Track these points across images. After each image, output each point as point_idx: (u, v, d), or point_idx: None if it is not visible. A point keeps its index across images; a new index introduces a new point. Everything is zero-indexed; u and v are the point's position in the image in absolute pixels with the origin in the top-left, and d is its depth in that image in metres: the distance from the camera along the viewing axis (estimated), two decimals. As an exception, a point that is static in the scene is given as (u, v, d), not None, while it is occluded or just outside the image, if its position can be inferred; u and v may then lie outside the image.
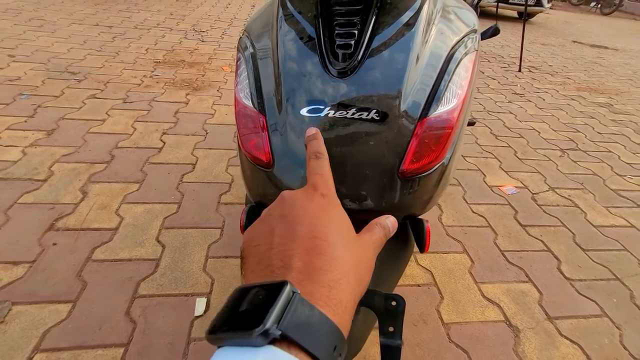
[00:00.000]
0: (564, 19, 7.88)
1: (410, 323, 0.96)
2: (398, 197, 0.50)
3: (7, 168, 1.32)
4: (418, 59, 0.51)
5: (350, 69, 0.49)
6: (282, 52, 0.52)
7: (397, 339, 0.49)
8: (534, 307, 1.05)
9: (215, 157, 1.56)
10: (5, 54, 2.28)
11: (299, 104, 0.48)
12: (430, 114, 0.49)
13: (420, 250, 0.56)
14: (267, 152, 0.49)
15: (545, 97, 2.85)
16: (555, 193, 1.61)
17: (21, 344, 0.81)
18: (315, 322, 0.19)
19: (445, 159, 0.52)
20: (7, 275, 0.95)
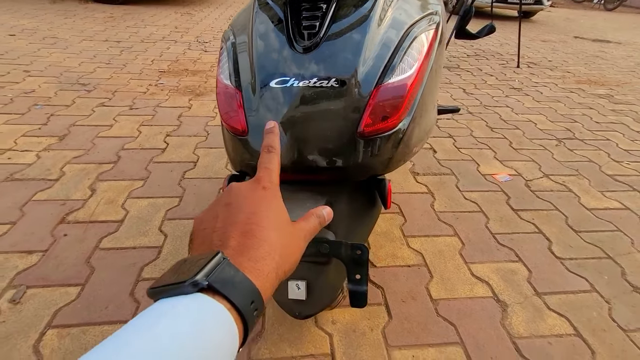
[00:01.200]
0: (566, 16, 7.86)
1: (399, 299, 1.00)
2: (361, 157, 0.56)
3: (22, 170, 1.42)
4: (375, 35, 0.57)
5: (313, 45, 0.55)
6: (256, 34, 0.59)
7: (363, 285, 0.55)
8: (523, 284, 1.08)
9: (215, 155, 1.63)
10: (21, 69, 2.43)
11: (269, 78, 0.54)
12: (385, 82, 0.55)
13: (383, 206, 0.60)
14: (242, 122, 0.55)
15: (544, 90, 2.87)
16: (549, 179, 1.63)
17: (35, 322, 0.87)
18: (238, 280, 0.24)
19: (402, 124, 0.57)
20: (23, 262, 1.02)
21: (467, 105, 2.43)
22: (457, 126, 2.10)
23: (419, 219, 1.31)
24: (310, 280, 0.55)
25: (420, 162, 1.69)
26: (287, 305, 0.56)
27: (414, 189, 1.49)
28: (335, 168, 0.54)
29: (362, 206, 0.62)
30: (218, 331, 0.22)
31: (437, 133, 1.99)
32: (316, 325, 0.91)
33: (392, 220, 1.30)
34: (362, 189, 0.63)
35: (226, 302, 0.23)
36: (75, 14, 4.16)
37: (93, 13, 4.25)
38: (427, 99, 0.63)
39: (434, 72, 0.64)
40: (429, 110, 0.68)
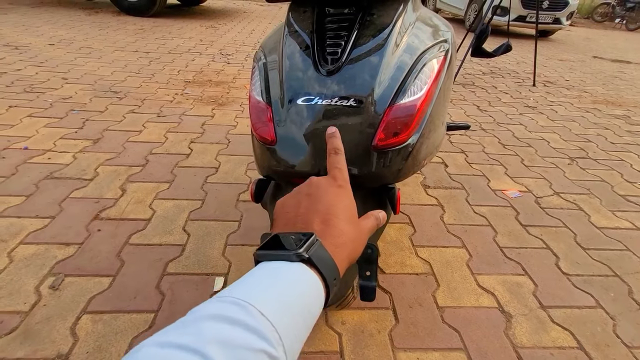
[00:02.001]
0: (586, 36, 7.82)
1: (406, 305, 1.04)
2: (374, 167, 0.63)
3: (61, 169, 1.54)
4: (390, 61, 0.65)
5: (335, 69, 0.63)
6: (286, 58, 0.67)
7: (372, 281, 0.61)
8: (528, 296, 1.11)
9: (235, 162, 1.73)
10: (59, 77, 2.62)
11: (296, 96, 0.63)
12: (397, 102, 0.62)
13: (393, 211, 0.67)
14: (271, 133, 0.63)
15: (559, 109, 2.88)
16: (559, 197, 1.65)
17: (72, 307, 0.96)
18: (327, 259, 0.30)
19: (412, 140, 0.64)
20: (61, 253, 1.13)
21: (480, 122, 2.47)
22: (469, 142, 2.15)
23: (428, 230, 1.36)
24: (324, 275, 0.61)
25: (431, 176, 1.74)
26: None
27: (425, 201, 1.54)
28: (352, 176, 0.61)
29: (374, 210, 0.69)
30: (313, 295, 0.28)
31: (449, 148, 2.05)
32: (327, 325, 0.97)
33: (402, 230, 1.35)
34: (374, 196, 0.70)
35: (319, 274, 0.29)
36: (109, 25, 4.43)
37: (125, 25, 4.52)
38: (435, 118, 0.70)
39: (442, 93, 0.71)
40: (437, 127, 0.74)
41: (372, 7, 0.70)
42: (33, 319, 0.92)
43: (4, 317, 0.92)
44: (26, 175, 1.48)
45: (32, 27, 4.02)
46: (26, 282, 1.02)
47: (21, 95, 2.23)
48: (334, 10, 0.71)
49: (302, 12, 0.74)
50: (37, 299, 0.97)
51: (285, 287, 0.27)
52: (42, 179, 1.47)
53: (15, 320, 0.91)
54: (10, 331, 0.89)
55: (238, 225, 1.31)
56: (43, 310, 0.95)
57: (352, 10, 0.70)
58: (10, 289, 1.00)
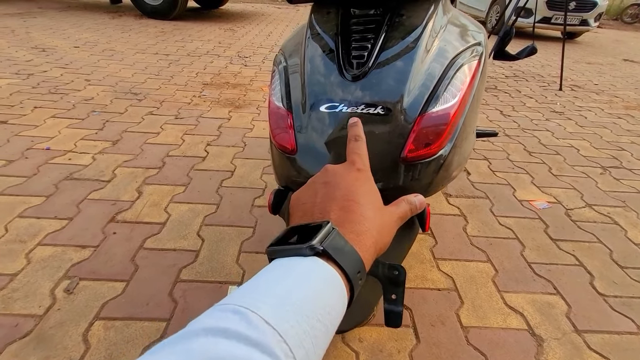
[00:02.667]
0: (615, 38, 7.49)
1: (428, 323, 0.98)
2: (402, 180, 0.58)
3: (80, 170, 1.56)
4: (421, 65, 0.60)
5: (361, 74, 0.58)
6: (308, 62, 0.63)
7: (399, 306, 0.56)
8: (561, 319, 1.03)
9: (251, 166, 1.71)
10: (82, 78, 2.68)
11: (319, 103, 0.59)
12: (429, 110, 0.57)
13: (421, 228, 0.62)
14: (292, 142, 0.59)
15: (588, 115, 2.74)
16: (592, 210, 1.55)
17: (85, 312, 0.95)
18: (347, 250, 0.26)
19: (444, 151, 0.59)
20: (77, 255, 1.12)
21: (504, 128, 2.37)
22: (492, 149, 2.06)
23: (450, 242, 1.30)
24: (346, 296, 0.57)
25: (453, 184, 1.67)
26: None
27: (446, 211, 1.47)
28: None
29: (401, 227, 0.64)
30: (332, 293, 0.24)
31: (471, 155, 1.96)
32: (343, 342, 0.92)
33: (423, 242, 1.29)
34: None
35: (337, 268, 0.25)
36: (131, 28, 4.53)
37: (146, 28, 4.61)
38: (467, 126, 0.64)
39: (475, 100, 0.65)
40: (469, 136, 0.69)
41: (401, 8, 0.65)
42: (47, 324, 0.91)
43: (19, 320, 0.92)
44: (47, 176, 1.50)
45: (59, 30, 4.15)
46: (42, 285, 1.02)
47: (46, 97, 2.29)
48: (359, 11, 0.67)
49: (325, 13, 0.70)
50: (52, 303, 0.97)
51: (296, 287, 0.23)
52: (62, 179, 1.48)
53: (29, 324, 0.91)
54: (25, 335, 0.88)
55: (252, 231, 1.28)
56: (57, 314, 0.94)
57: (380, 11, 0.65)
58: (27, 291, 0.99)
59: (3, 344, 0.86)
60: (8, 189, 1.40)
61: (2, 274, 1.04)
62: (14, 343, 0.86)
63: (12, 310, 0.94)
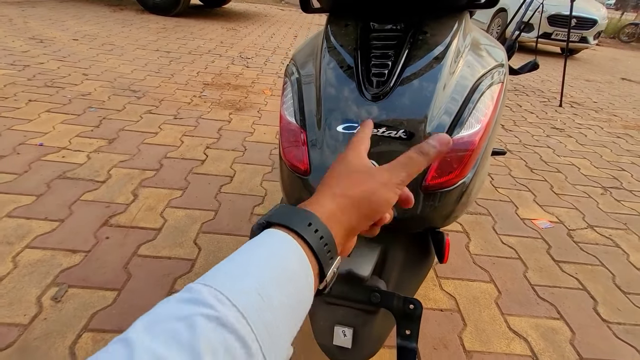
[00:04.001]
0: (613, 56, 7.61)
1: (431, 346, 0.95)
2: (420, 209, 0.55)
3: (74, 169, 1.51)
4: (445, 87, 0.57)
5: (382, 94, 0.56)
6: (324, 78, 0.60)
7: (413, 342, 0.53)
8: (565, 345, 1.00)
9: (251, 171, 1.67)
10: (80, 72, 2.62)
11: (335, 122, 0.55)
12: (454, 136, 0.54)
13: (439, 260, 0.59)
14: (305, 162, 0.56)
15: (588, 133, 2.76)
16: (594, 231, 1.54)
17: (73, 323, 0.90)
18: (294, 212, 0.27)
19: (467, 179, 0.56)
20: (67, 261, 1.07)
21: (506, 143, 2.37)
22: (494, 163, 2.05)
23: (453, 260, 1.27)
24: (357, 328, 0.54)
25: (455, 199, 1.65)
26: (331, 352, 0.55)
27: (449, 228, 1.45)
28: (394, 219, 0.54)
29: (416, 257, 0.61)
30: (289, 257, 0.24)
31: (473, 169, 1.95)
32: (343, 363, 0.89)
33: (425, 258, 1.26)
34: (417, 240, 0.62)
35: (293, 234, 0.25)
36: (132, 23, 4.47)
37: (148, 23, 4.55)
38: (488, 151, 0.62)
39: (497, 123, 0.63)
40: (488, 159, 0.66)
41: (424, 24, 0.62)
42: (32, 334, 0.86)
43: (2, 330, 0.86)
44: (39, 174, 1.44)
45: (58, 21, 4.08)
46: (28, 292, 0.97)
47: (41, 90, 2.23)
48: (379, 25, 0.64)
49: (343, 25, 0.67)
50: (38, 311, 0.92)
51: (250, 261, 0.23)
52: (55, 178, 1.43)
53: (13, 334, 0.86)
54: (7, 346, 0.83)
55: (251, 241, 1.24)
56: (43, 324, 0.89)
57: (401, 27, 0.62)
58: (12, 298, 0.94)
59: (-17, 356, 0.81)
60: (-3, 186, 1.34)
61: (-14, 278, 0.99)
62: (-5, 355, 0.81)
63: (-6, 319, 0.89)
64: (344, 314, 0.54)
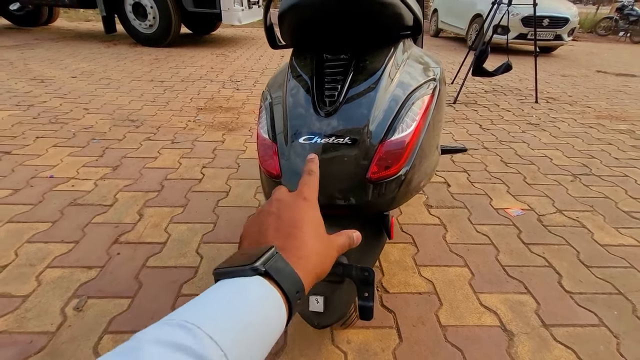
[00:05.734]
0: (590, 50, 7.89)
1: (410, 324, 1.08)
2: (370, 197, 0.69)
3: (83, 196, 1.65)
4: (381, 101, 0.73)
5: (333, 110, 0.71)
6: (289, 100, 0.76)
7: (370, 302, 0.67)
8: (530, 315, 1.13)
9: (245, 186, 1.81)
10: (81, 107, 2.80)
11: (299, 135, 0.71)
12: (389, 138, 0.69)
13: (387, 236, 0.73)
14: (277, 168, 0.71)
15: (561, 126, 2.92)
16: (562, 215, 1.68)
17: (94, 327, 1.03)
18: (287, 271, 0.29)
19: (403, 171, 0.71)
20: (84, 276, 1.21)
21: (483, 141, 2.52)
22: (472, 161, 2.20)
23: (431, 250, 1.40)
24: (327, 296, 0.67)
25: (434, 196, 1.79)
26: (308, 317, 0.68)
27: (427, 221, 1.58)
28: (350, 205, 0.68)
29: (370, 236, 0.75)
30: (272, 310, 0.27)
31: (451, 168, 2.10)
32: (333, 344, 1.01)
33: (405, 250, 1.40)
34: (370, 223, 0.76)
35: (278, 288, 0.28)
36: (126, 56, 4.70)
37: (141, 55, 4.79)
38: (425, 149, 0.76)
39: (431, 126, 0.78)
40: (429, 155, 0.81)
41: (366, 53, 0.78)
42: (59, 339, 0.99)
43: (33, 337, 0.99)
44: (52, 203, 1.59)
45: (57, 60, 4.30)
46: (53, 304, 1.10)
47: (47, 127, 2.40)
48: (331, 56, 0.80)
49: (303, 57, 0.83)
50: (63, 320, 1.05)
51: (238, 305, 0.25)
52: (67, 205, 1.58)
53: (43, 340, 0.99)
54: (39, 350, 0.96)
55: (248, 247, 1.38)
56: (68, 330, 1.02)
57: (348, 56, 0.78)
58: (39, 311, 1.07)
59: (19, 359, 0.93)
60: (16, 216, 1.48)
61: (15, 295, 1.12)
62: (29, 358, 0.94)
63: (26, 329, 1.02)
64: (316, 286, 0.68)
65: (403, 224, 1.55)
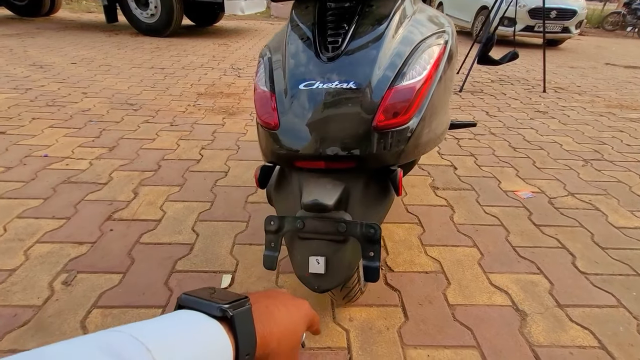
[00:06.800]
0: (597, 44, 7.75)
1: (416, 303, 1.02)
2: (375, 148, 0.63)
3: (77, 175, 1.60)
4: (389, 48, 0.66)
5: (335, 55, 0.65)
6: (289, 49, 0.70)
7: (376, 262, 0.60)
8: (544, 295, 1.07)
9: (245, 166, 1.76)
10: (79, 92, 2.75)
11: (298, 82, 0.64)
12: (397, 85, 0.63)
13: (395, 193, 0.67)
14: (275, 118, 0.65)
15: (571, 114, 2.84)
16: (574, 198, 1.61)
17: (83, 302, 0.98)
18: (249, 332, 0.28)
19: (412, 123, 0.65)
20: (75, 251, 1.15)
21: (490, 127, 2.45)
22: (478, 145, 2.13)
23: (437, 230, 1.34)
24: (328, 256, 0.61)
25: (440, 178, 1.72)
26: (307, 280, 0.62)
27: (434, 202, 1.52)
28: (354, 157, 0.62)
29: (377, 192, 0.69)
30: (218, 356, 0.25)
31: (457, 151, 2.03)
32: (334, 321, 0.95)
33: (411, 230, 1.33)
34: (376, 178, 0.70)
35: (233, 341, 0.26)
36: (127, 45, 4.65)
37: (142, 44, 4.73)
38: (436, 103, 0.70)
39: (443, 81, 0.72)
40: (439, 114, 0.75)
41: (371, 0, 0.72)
42: (46, 313, 0.94)
43: (17, 311, 0.94)
44: (45, 180, 1.54)
45: (57, 48, 4.25)
46: (40, 278, 1.04)
47: (44, 109, 2.34)
48: (335, 4, 0.74)
49: (304, 7, 0.77)
50: (50, 294, 0.99)
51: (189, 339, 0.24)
52: (60, 183, 1.52)
53: (28, 314, 0.93)
54: (24, 324, 0.91)
55: (246, 225, 1.32)
56: (55, 304, 0.97)
57: (353, 3, 0.72)
58: (25, 285, 1.02)
59: (2, 333, 0.88)
60: (7, 192, 1.43)
61: (0, 269, 1.07)
62: (13, 331, 0.89)
63: (10, 302, 0.96)
64: (316, 246, 0.62)
65: (408, 204, 1.49)
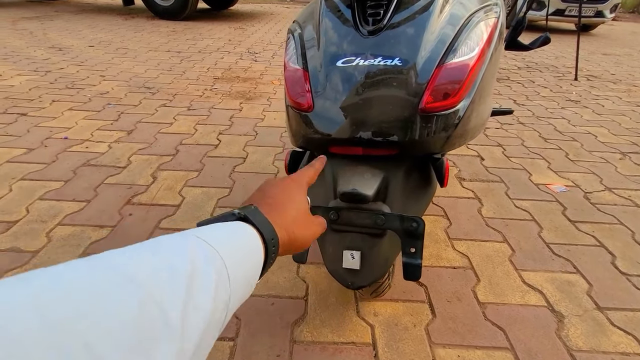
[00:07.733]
0: (632, 30, 7.29)
1: (444, 299, 0.97)
2: (419, 133, 0.57)
3: (97, 158, 1.59)
4: (437, 20, 0.59)
5: (377, 29, 0.58)
6: (324, 24, 0.63)
7: (417, 259, 0.55)
8: (582, 296, 1.00)
9: (263, 152, 1.72)
10: (97, 74, 2.74)
11: (335, 58, 0.59)
12: (448, 61, 0.56)
13: (440, 184, 0.61)
14: (309, 99, 0.59)
15: (605, 103, 2.67)
16: (612, 193, 1.51)
17: (103, 286, 0.97)
18: (263, 220, 0.32)
19: (462, 105, 0.58)
20: (95, 234, 1.15)
21: (518, 116, 2.33)
22: (506, 135, 2.03)
23: (465, 223, 1.28)
24: (364, 251, 0.57)
25: (466, 168, 1.64)
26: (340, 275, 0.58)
27: (460, 194, 1.45)
28: (395, 143, 0.56)
29: (418, 183, 0.64)
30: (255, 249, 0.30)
31: (484, 141, 1.93)
32: (358, 315, 0.92)
33: (437, 223, 1.27)
34: (418, 167, 0.64)
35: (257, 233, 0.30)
36: (144, 28, 4.62)
37: (158, 28, 4.70)
38: (486, 85, 0.63)
39: (493, 60, 0.64)
40: (487, 97, 0.68)
41: None
42: (67, 296, 0.93)
43: (40, 293, 0.94)
44: (65, 163, 1.53)
45: (75, 31, 4.26)
46: (62, 261, 1.03)
47: (63, 91, 2.35)
48: None
49: None
50: (72, 277, 0.99)
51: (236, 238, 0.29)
52: (80, 166, 1.52)
53: (51, 297, 0.93)
54: (46, 306, 0.90)
55: (266, 213, 1.29)
56: (77, 288, 0.96)
57: None
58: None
59: (26, 314, 0.88)
60: (29, 174, 1.44)
61: (24, 250, 1.07)
62: (36, 313, 0.88)
63: (34, 284, 0.96)
64: (351, 239, 0.57)
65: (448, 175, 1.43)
